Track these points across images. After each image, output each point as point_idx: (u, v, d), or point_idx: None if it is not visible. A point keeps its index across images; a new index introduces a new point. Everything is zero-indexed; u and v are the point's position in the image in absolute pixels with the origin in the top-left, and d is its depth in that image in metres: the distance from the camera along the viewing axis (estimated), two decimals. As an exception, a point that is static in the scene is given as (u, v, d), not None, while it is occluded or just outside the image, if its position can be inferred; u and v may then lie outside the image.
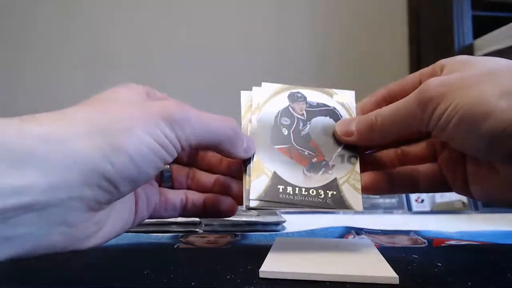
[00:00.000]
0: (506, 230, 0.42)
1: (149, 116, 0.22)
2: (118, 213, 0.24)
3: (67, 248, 0.21)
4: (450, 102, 0.24)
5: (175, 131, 0.23)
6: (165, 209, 0.29)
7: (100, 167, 0.20)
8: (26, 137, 0.18)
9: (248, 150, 0.28)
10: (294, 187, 0.28)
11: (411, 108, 0.26)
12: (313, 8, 1.56)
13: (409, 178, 0.31)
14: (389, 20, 1.57)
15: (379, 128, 0.28)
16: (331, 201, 0.28)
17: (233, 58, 1.52)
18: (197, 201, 0.30)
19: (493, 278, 0.25)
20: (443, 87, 0.25)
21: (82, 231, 0.21)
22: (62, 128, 0.19)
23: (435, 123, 0.25)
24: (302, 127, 0.30)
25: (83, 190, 0.19)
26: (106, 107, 0.22)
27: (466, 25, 1.25)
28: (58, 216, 0.19)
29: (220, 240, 0.38)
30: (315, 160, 0.29)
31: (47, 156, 0.18)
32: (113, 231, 0.24)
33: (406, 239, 0.38)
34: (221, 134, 0.25)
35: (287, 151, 0.29)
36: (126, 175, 0.21)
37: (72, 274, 0.26)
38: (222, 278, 0.24)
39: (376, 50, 1.55)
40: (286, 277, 0.24)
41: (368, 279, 0.23)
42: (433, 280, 0.24)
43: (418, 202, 0.59)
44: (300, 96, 0.31)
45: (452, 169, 0.30)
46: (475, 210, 0.58)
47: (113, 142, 0.20)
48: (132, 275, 0.25)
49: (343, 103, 0.32)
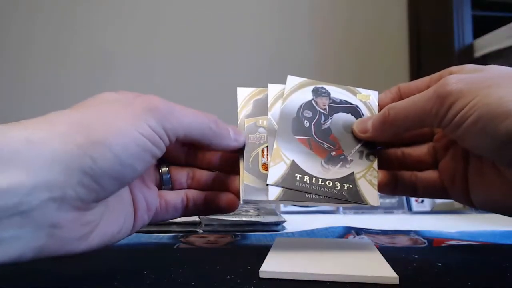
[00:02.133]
0: (506, 230, 0.42)
1: (132, 110, 0.22)
2: (112, 216, 0.24)
3: (58, 251, 0.21)
4: (470, 100, 0.24)
5: (161, 123, 0.22)
6: (166, 211, 0.29)
7: (79, 163, 0.19)
8: (10, 140, 0.18)
9: (237, 138, 0.28)
10: (311, 177, 0.29)
11: (428, 102, 0.26)
12: (313, 8, 1.56)
13: (409, 182, 0.31)
14: (389, 20, 1.57)
15: (391, 122, 0.28)
16: (347, 194, 0.29)
17: (233, 57, 1.52)
18: (198, 200, 0.30)
19: (493, 278, 0.25)
20: (463, 84, 0.24)
21: (71, 232, 0.21)
22: (44, 131, 0.20)
23: (450, 119, 0.25)
24: (323, 121, 0.31)
25: (65, 189, 0.19)
26: (89, 108, 0.22)
27: (466, 25, 1.25)
28: (43, 217, 0.19)
29: (220, 240, 0.38)
30: (333, 154, 0.30)
31: (29, 157, 0.18)
32: (107, 234, 0.24)
33: (406, 239, 0.38)
34: (205, 127, 0.26)
35: (307, 142, 0.30)
36: (109, 170, 0.21)
37: (72, 274, 0.26)
38: (222, 278, 0.24)
39: (376, 50, 1.55)
40: (286, 277, 0.24)
41: (368, 279, 0.23)
42: (433, 280, 0.24)
43: (418, 202, 0.59)
44: (324, 91, 0.32)
45: (452, 175, 0.30)
46: (475, 210, 0.58)
47: (92, 137, 0.20)
48: (132, 275, 0.25)
49: (366, 102, 0.32)
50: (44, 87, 1.48)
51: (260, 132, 0.31)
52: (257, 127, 0.31)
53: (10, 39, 1.48)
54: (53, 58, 1.49)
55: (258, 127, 0.31)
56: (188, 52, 1.52)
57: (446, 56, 1.28)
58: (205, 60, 1.52)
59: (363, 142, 0.31)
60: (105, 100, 0.23)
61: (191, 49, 1.52)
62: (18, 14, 1.48)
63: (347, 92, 0.32)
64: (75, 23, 1.50)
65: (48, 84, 1.48)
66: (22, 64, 1.49)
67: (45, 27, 1.49)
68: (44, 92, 1.47)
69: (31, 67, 1.49)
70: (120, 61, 1.50)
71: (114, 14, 1.52)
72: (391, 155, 0.32)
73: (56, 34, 1.49)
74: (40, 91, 1.47)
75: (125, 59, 1.51)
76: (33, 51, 1.49)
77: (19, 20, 1.48)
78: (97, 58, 1.50)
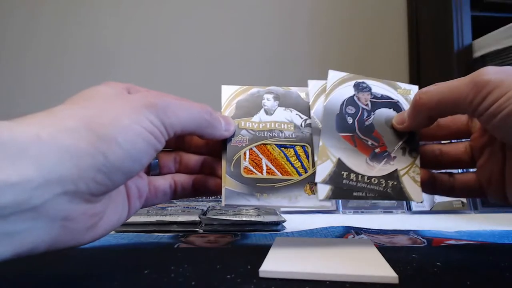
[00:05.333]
0: (506, 230, 0.42)
1: (132, 106, 0.23)
2: (114, 205, 0.25)
3: (69, 243, 0.21)
4: (507, 91, 0.24)
5: (160, 118, 0.23)
6: (156, 196, 0.30)
7: (92, 160, 0.20)
8: (19, 135, 0.18)
9: (227, 128, 0.29)
10: (357, 175, 0.29)
11: (464, 89, 0.25)
12: (313, 8, 1.56)
13: (447, 181, 0.31)
14: (388, 20, 1.57)
15: (422, 106, 0.28)
16: (391, 191, 0.29)
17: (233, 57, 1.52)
18: (186, 184, 0.31)
19: (492, 278, 0.25)
20: (501, 73, 0.25)
21: (81, 224, 0.21)
22: (52, 126, 0.20)
23: (485, 108, 0.25)
24: (366, 117, 0.31)
25: (77, 184, 0.20)
26: (89, 103, 0.23)
27: (466, 25, 1.25)
28: (55, 210, 0.19)
29: (220, 240, 0.38)
30: (377, 151, 0.30)
31: (40, 153, 0.18)
32: (111, 223, 0.25)
33: (405, 239, 0.38)
34: (201, 118, 0.26)
35: (351, 140, 0.30)
36: (120, 166, 0.21)
37: (72, 274, 0.26)
38: (222, 278, 0.24)
39: (376, 50, 1.55)
40: (286, 277, 0.24)
41: (367, 278, 0.23)
42: (433, 279, 0.24)
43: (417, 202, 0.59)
44: (365, 86, 0.32)
45: (489, 175, 0.30)
46: (474, 209, 0.58)
47: (101, 134, 0.20)
48: (132, 275, 0.25)
49: (406, 97, 0.32)
50: (43, 85, 1.48)
51: (243, 135, 0.31)
52: (240, 130, 0.31)
53: (10, 36, 1.48)
54: (53, 56, 1.49)
55: (241, 130, 0.31)
56: (188, 52, 1.52)
57: (446, 56, 1.29)
58: (205, 59, 1.52)
59: (405, 138, 0.31)
60: (102, 95, 0.24)
61: (191, 48, 1.52)
62: (17, 11, 1.48)
63: (388, 87, 0.32)
64: (74, 21, 1.50)
65: (47, 82, 1.48)
66: (21, 62, 1.49)
67: (44, 25, 1.49)
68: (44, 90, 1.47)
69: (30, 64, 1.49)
70: (120, 59, 1.50)
71: (113, 12, 1.52)
72: (429, 153, 0.32)
73: (55, 32, 1.49)
74: (39, 89, 1.47)
75: (125, 57, 1.50)
76: (32, 48, 1.49)
77: (18, 18, 1.48)
78: (96, 56, 1.50)
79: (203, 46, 1.52)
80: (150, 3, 1.53)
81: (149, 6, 1.53)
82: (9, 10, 1.48)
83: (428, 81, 1.45)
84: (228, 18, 1.54)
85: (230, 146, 0.30)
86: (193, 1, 1.54)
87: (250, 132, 0.31)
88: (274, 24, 1.55)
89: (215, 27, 1.53)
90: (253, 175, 0.30)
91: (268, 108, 0.32)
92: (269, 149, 0.31)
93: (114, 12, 1.52)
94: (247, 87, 0.33)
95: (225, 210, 0.48)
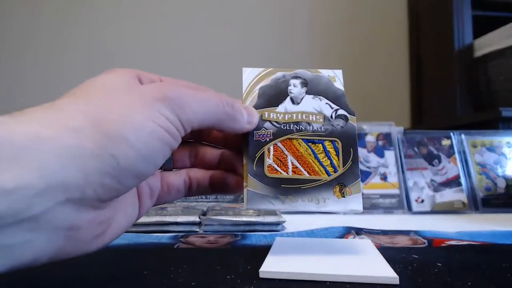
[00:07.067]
0: (506, 230, 0.42)
1: (144, 100, 0.20)
2: (124, 207, 0.23)
3: (73, 253, 0.19)
4: None
5: (176, 113, 0.20)
6: (168, 193, 0.27)
7: (100, 163, 0.17)
8: (16, 134, 0.16)
9: (250, 120, 0.26)
10: None
11: None
12: (313, 8, 1.56)
13: None
14: (389, 20, 1.57)
15: None
16: None
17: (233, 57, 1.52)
18: (202, 180, 0.28)
19: (493, 278, 0.25)
20: None
21: (88, 233, 0.19)
22: (53, 124, 0.17)
23: None
24: None
25: (83, 190, 0.17)
26: (95, 96, 0.20)
27: (466, 25, 1.25)
28: (59, 219, 0.17)
29: (220, 240, 0.38)
30: None
31: (40, 155, 0.16)
32: (120, 227, 0.22)
33: (406, 239, 0.38)
34: (221, 111, 0.23)
35: None
36: (131, 169, 0.19)
37: (72, 275, 0.26)
38: (222, 278, 0.24)
39: (375, 50, 1.55)
40: (286, 277, 0.24)
41: (368, 279, 0.23)
42: (433, 280, 0.24)
43: (418, 202, 0.59)
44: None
45: None
46: (475, 210, 0.58)
47: (110, 132, 0.18)
48: (132, 275, 0.25)
49: None
50: (43, 85, 1.48)
51: (266, 128, 0.27)
52: (263, 122, 0.28)
53: (10, 36, 1.48)
54: (53, 56, 1.49)
55: (264, 122, 0.28)
56: (188, 52, 1.52)
57: (446, 56, 1.28)
58: (205, 59, 1.51)
59: None
60: (109, 86, 0.21)
61: (191, 48, 1.52)
62: (17, 11, 1.48)
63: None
64: (74, 21, 1.50)
65: (47, 82, 1.48)
66: (21, 62, 1.49)
67: (44, 25, 1.49)
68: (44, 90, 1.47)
69: (30, 64, 1.49)
70: (120, 59, 1.50)
71: (113, 12, 1.52)
72: None
73: (55, 32, 1.49)
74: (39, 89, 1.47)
75: (125, 57, 1.50)
76: (32, 48, 1.49)
77: (18, 18, 1.48)
78: (96, 56, 1.50)
79: (203, 46, 1.52)
80: (150, 3, 1.53)
81: (149, 6, 1.53)
82: (9, 10, 1.48)
83: (429, 81, 1.45)
84: (228, 18, 1.54)
85: (252, 141, 0.27)
86: (193, 1, 1.54)
87: (274, 124, 0.28)
88: (274, 24, 1.55)
89: (215, 27, 1.53)
90: (278, 174, 0.27)
91: (294, 96, 0.29)
92: (295, 144, 0.27)
93: (114, 12, 1.52)
94: (271, 69, 0.29)
95: (225, 210, 0.48)
